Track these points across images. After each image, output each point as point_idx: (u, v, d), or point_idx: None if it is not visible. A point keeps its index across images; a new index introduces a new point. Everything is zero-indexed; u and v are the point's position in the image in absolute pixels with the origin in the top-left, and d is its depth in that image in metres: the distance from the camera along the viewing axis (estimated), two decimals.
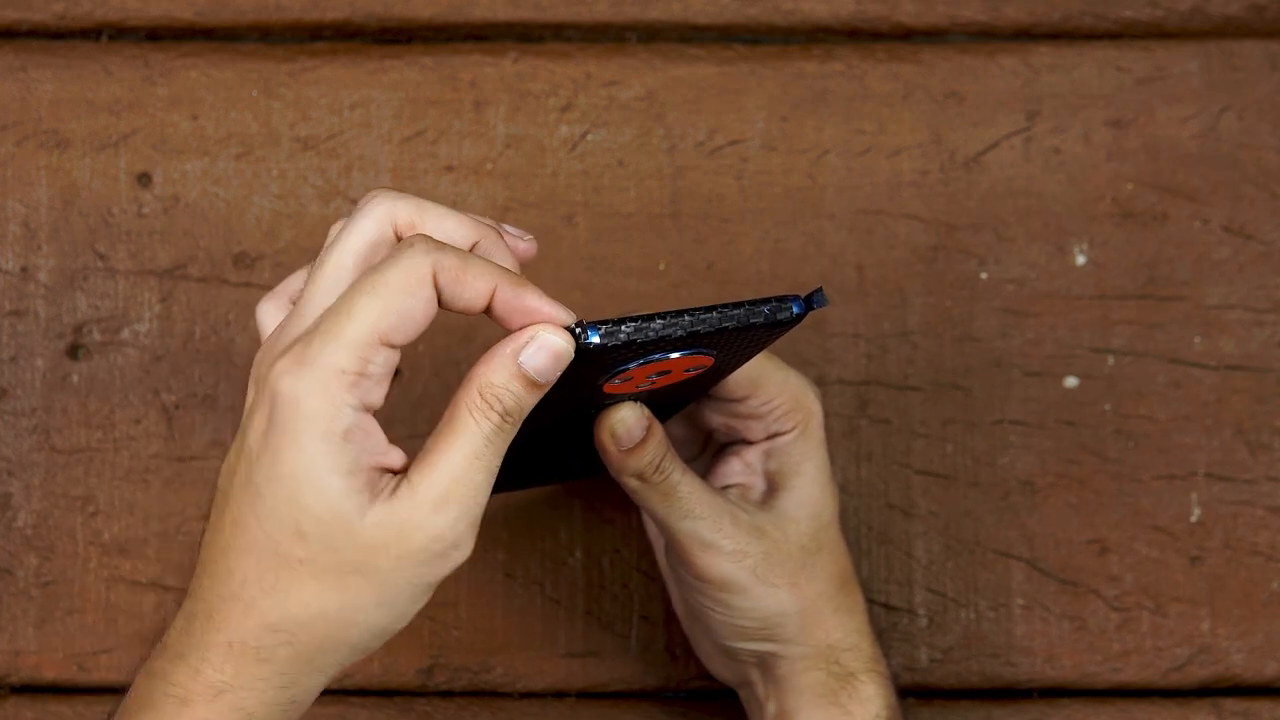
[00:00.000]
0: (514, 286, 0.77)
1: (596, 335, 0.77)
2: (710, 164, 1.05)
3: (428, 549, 0.77)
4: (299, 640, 0.78)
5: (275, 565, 0.77)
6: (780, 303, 0.78)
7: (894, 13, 1.06)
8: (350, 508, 0.76)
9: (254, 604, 0.77)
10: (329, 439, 0.75)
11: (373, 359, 0.76)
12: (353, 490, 0.76)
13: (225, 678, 0.78)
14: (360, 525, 0.76)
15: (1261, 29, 1.06)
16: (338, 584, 0.77)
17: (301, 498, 0.76)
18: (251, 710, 0.78)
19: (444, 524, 0.77)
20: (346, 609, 0.77)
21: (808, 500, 0.90)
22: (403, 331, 0.76)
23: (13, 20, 1.05)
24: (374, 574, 0.77)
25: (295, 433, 0.75)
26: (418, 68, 1.05)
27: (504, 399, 0.77)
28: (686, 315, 0.77)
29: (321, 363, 0.75)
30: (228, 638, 0.78)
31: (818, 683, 0.91)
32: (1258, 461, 1.03)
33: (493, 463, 0.77)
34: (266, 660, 0.78)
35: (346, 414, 0.75)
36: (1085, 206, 1.05)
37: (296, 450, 0.75)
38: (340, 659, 0.79)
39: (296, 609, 0.77)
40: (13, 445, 1.03)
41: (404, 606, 0.78)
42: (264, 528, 0.77)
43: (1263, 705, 1.02)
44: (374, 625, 0.78)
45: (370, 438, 0.76)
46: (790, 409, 0.90)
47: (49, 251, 1.04)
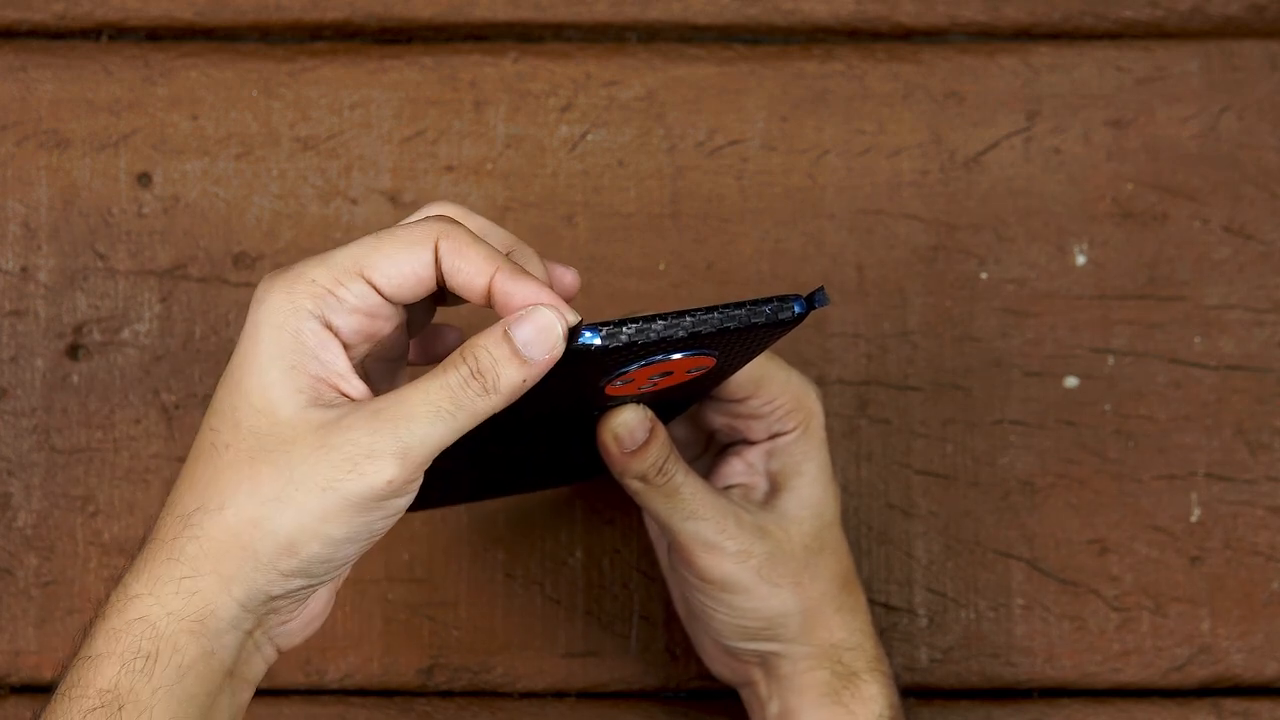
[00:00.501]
0: (515, 273, 0.77)
1: (597, 336, 0.76)
2: (710, 164, 1.05)
3: (340, 449, 0.75)
4: (206, 535, 0.76)
5: (207, 457, 0.77)
6: (782, 302, 0.78)
7: (894, 13, 1.06)
8: (280, 396, 0.76)
9: (178, 500, 0.77)
10: (279, 331, 0.76)
11: (346, 284, 0.77)
12: (290, 386, 0.76)
13: (139, 585, 0.77)
14: (285, 415, 0.76)
15: (1261, 29, 1.06)
16: (250, 471, 0.76)
17: (242, 383, 0.77)
18: (155, 621, 0.76)
19: (364, 429, 0.75)
20: (253, 501, 0.76)
21: (810, 500, 0.90)
22: (386, 275, 0.77)
23: (13, 20, 1.05)
24: (284, 466, 0.76)
25: (253, 325, 0.77)
26: (418, 68, 1.05)
27: (480, 357, 0.77)
28: (688, 316, 0.77)
29: (296, 271, 0.77)
30: (149, 539, 0.77)
31: (820, 682, 0.91)
32: (1258, 461, 1.03)
33: (443, 406, 0.76)
34: (175, 559, 0.76)
35: (301, 315, 0.77)
36: (1085, 206, 1.05)
37: (251, 341, 0.77)
38: (245, 574, 0.76)
39: (209, 496, 0.76)
40: (13, 445, 1.03)
41: (308, 517, 0.76)
42: (210, 421, 0.77)
43: (1263, 705, 1.03)
44: (277, 530, 0.76)
45: (327, 352, 0.77)
46: (792, 409, 0.90)
47: (49, 251, 1.04)
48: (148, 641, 0.76)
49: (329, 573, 0.78)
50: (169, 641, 0.76)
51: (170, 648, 0.76)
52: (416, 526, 1.03)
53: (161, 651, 0.76)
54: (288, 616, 0.79)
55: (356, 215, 1.04)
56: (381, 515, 0.77)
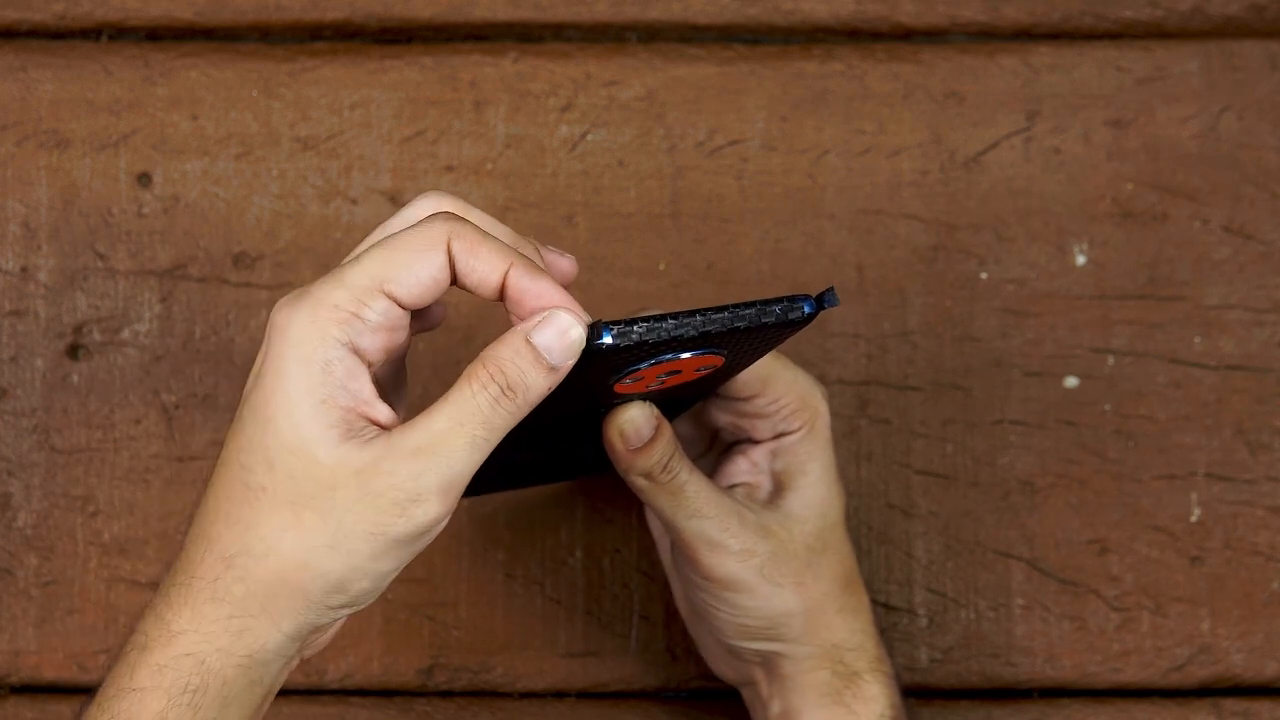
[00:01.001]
0: (529, 269, 0.77)
1: (609, 335, 0.76)
2: (710, 164, 1.05)
3: (386, 495, 0.75)
4: (253, 577, 0.76)
5: (242, 497, 0.76)
6: (791, 302, 0.78)
7: (894, 13, 1.06)
8: (315, 436, 0.75)
9: (217, 539, 0.77)
10: (308, 365, 0.75)
11: (369, 303, 0.76)
12: (323, 421, 0.75)
13: (182, 621, 0.77)
14: (323, 457, 0.75)
15: (1261, 29, 1.06)
16: (294, 518, 0.76)
17: (273, 422, 0.76)
18: (204, 657, 0.76)
19: (408, 473, 0.75)
20: (300, 547, 0.76)
21: (814, 500, 0.90)
22: (406, 286, 0.76)
23: (13, 20, 1.05)
24: (330, 512, 0.75)
25: (278, 358, 0.76)
26: (418, 68, 1.05)
27: (507, 370, 0.76)
28: (698, 315, 0.77)
29: (317, 296, 0.76)
30: (188, 575, 0.77)
31: (822, 682, 0.91)
32: (1258, 461, 1.04)
33: (479, 432, 0.76)
34: (221, 600, 0.76)
35: (330, 345, 0.75)
36: (1085, 206, 1.05)
37: (276, 375, 0.76)
38: (296, 610, 0.77)
39: (253, 541, 0.76)
40: (13, 445, 1.03)
41: (360, 559, 0.76)
42: (239, 458, 0.76)
43: (1263, 705, 1.03)
44: (328, 572, 0.76)
45: (355, 380, 0.76)
46: (797, 408, 0.90)
47: (49, 251, 1.04)
48: (195, 677, 0.76)
49: (373, 598, 0.79)
50: (217, 676, 0.77)
51: (219, 681, 0.77)
52: None
53: (209, 685, 0.77)
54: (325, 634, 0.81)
55: (356, 215, 1.04)
56: (424, 542, 0.78)
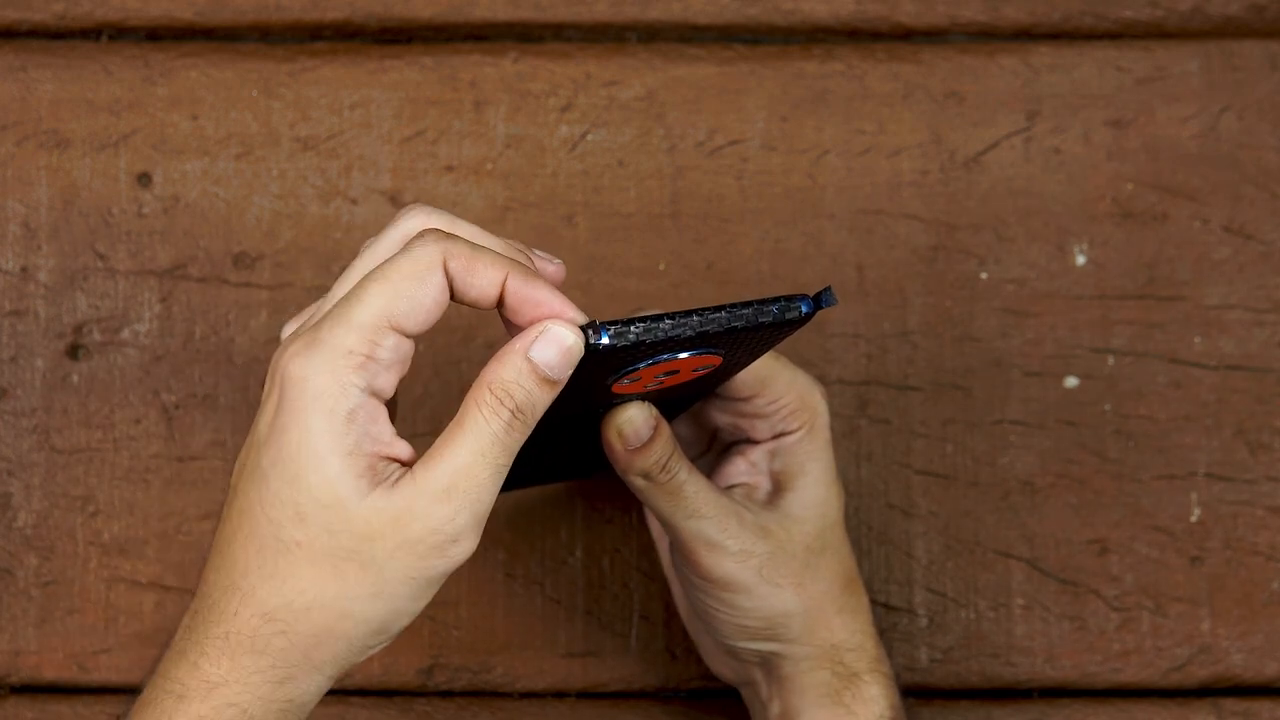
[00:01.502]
0: (525, 277, 0.77)
1: (606, 336, 0.76)
2: (710, 164, 1.05)
3: (425, 541, 0.76)
4: (295, 630, 0.77)
5: (275, 551, 0.77)
6: (789, 302, 0.78)
7: (894, 13, 1.06)
8: (348, 490, 0.76)
9: (252, 592, 0.77)
10: (332, 417, 0.75)
11: (381, 342, 0.76)
12: (353, 472, 0.76)
13: (221, 671, 0.77)
14: (357, 509, 0.76)
15: (1261, 29, 1.06)
16: (333, 571, 0.76)
17: (302, 477, 0.76)
18: (247, 706, 0.77)
19: (444, 516, 0.76)
20: (342, 598, 0.76)
21: (813, 500, 0.90)
22: (412, 318, 0.76)
23: (13, 20, 1.05)
24: (370, 563, 0.76)
25: (300, 411, 0.76)
26: (418, 68, 1.05)
27: (515, 394, 0.77)
28: (695, 315, 0.77)
29: (330, 344, 0.76)
30: (225, 629, 0.77)
31: (821, 682, 0.91)
32: (1258, 461, 1.03)
33: (500, 460, 0.77)
34: (262, 652, 0.77)
35: (352, 394, 0.76)
36: (1085, 206, 1.05)
37: (301, 430, 0.76)
38: (338, 655, 0.78)
39: (293, 595, 0.77)
40: (13, 445, 1.03)
41: (402, 602, 0.77)
42: (267, 513, 0.76)
43: (1263, 705, 1.03)
44: (371, 619, 0.77)
45: (376, 424, 0.76)
46: (796, 408, 0.90)
47: (49, 251, 1.04)
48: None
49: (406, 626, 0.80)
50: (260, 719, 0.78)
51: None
52: None
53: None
54: None
55: (356, 215, 1.04)
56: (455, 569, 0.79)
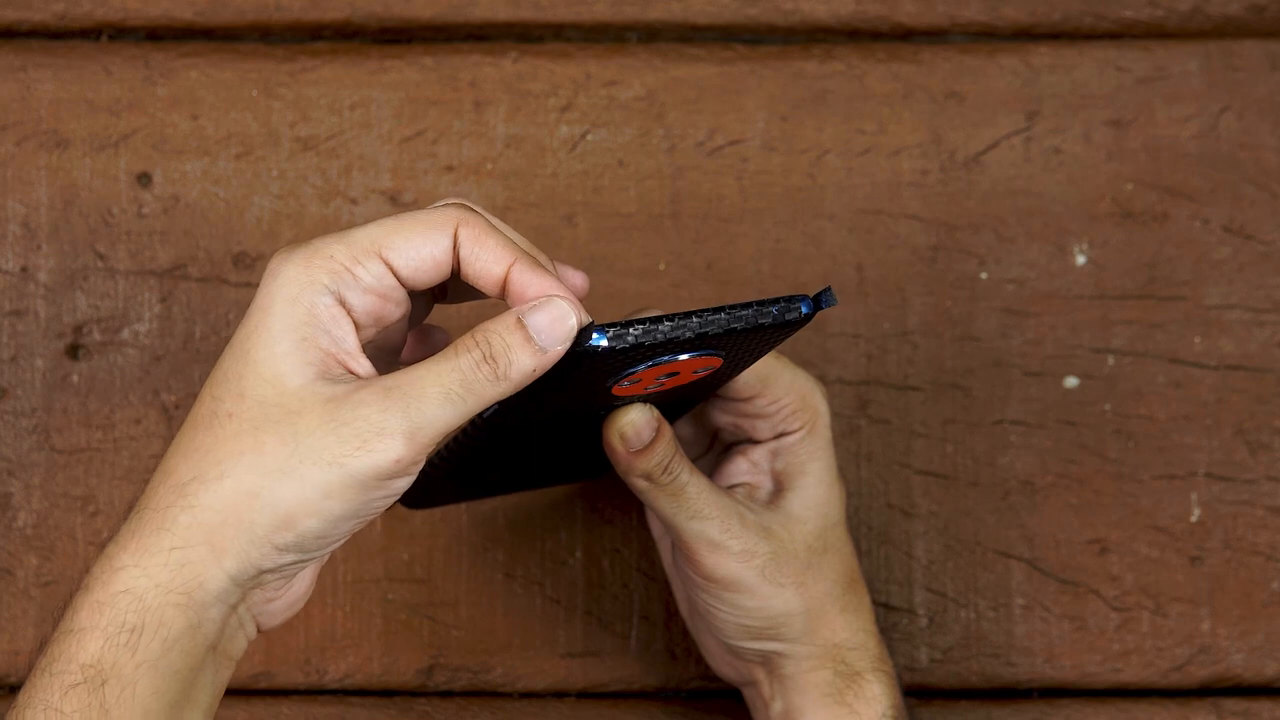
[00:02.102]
0: (532, 266, 0.78)
1: (604, 338, 0.76)
2: (710, 164, 1.05)
3: (350, 425, 0.75)
4: (201, 504, 0.75)
5: (207, 425, 0.76)
6: (789, 303, 0.78)
7: (894, 13, 1.06)
8: (290, 368, 0.76)
9: (174, 469, 0.77)
10: (293, 304, 0.76)
11: (364, 263, 0.77)
12: (301, 358, 0.76)
13: (126, 556, 0.76)
14: (294, 385, 0.76)
15: (1261, 29, 1.06)
16: (254, 441, 0.75)
17: (251, 353, 0.76)
18: (142, 594, 0.75)
19: (375, 407, 0.75)
20: (254, 471, 0.75)
21: (814, 500, 0.90)
22: (405, 258, 0.77)
23: (13, 20, 1.05)
24: (289, 437, 0.75)
25: (266, 296, 0.77)
26: (418, 68, 1.05)
27: (492, 341, 0.77)
28: (694, 317, 0.77)
29: (314, 246, 0.77)
30: (140, 509, 0.77)
31: (823, 682, 0.91)
32: (1258, 461, 1.04)
33: (454, 388, 0.76)
34: (167, 530, 0.76)
35: (317, 289, 0.76)
36: (1085, 206, 1.05)
37: (263, 313, 0.76)
38: (240, 548, 0.76)
39: (208, 466, 0.76)
40: (13, 445, 1.03)
41: (310, 490, 0.75)
42: (213, 390, 0.77)
43: (1263, 705, 1.03)
44: (277, 503, 0.75)
45: (338, 328, 0.77)
46: (797, 409, 0.90)
47: (49, 251, 1.04)
48: (133, 615, 0.75)
49: (322, 549, 0.77)
50: (155, 615, 0.75)
51: (156, 621, 0.75)
52: (416, 526, 1.03)
53: (147, 625, 0.75)
54: (274, 594, 0.79)
55: (356, 215, 1.04)
56: (382, 494, 0.77)
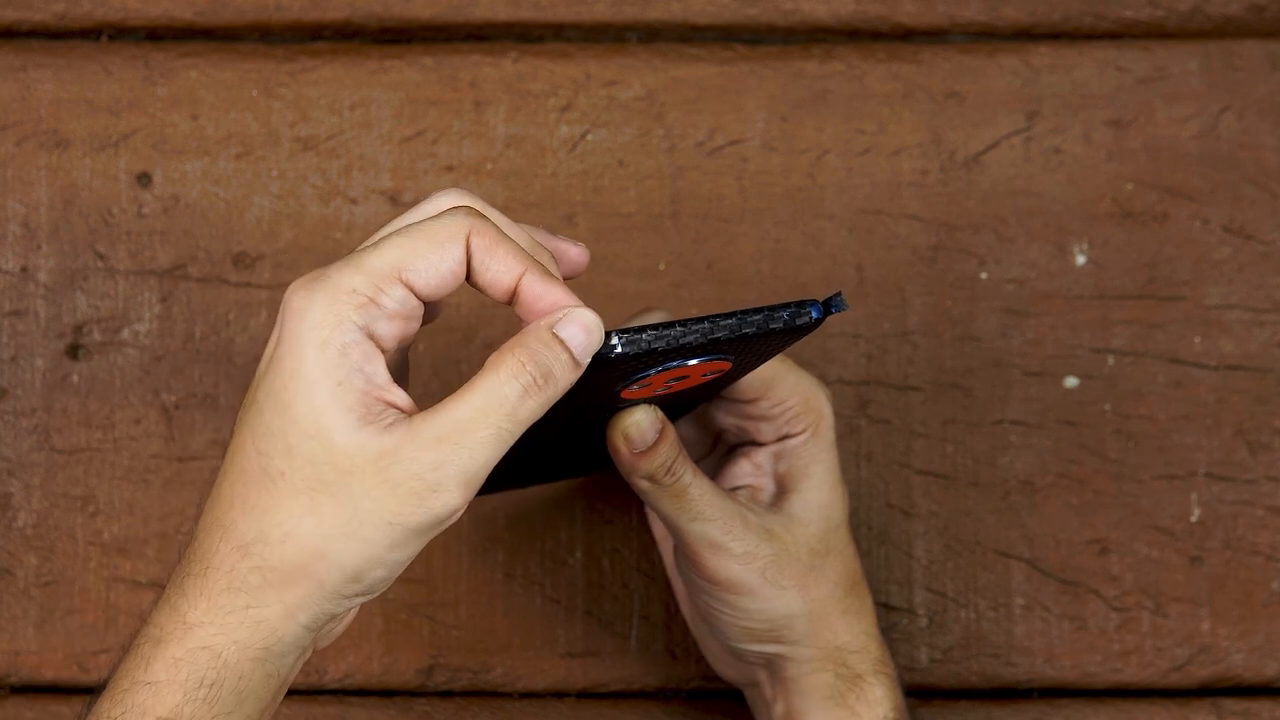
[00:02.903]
0: (543, 275, 0.77)
1: (619, 343, 0.76)
2: (710, 164, 1.05)
3: (405, 484, 0.75)
4: (269, 565, 0.76)
5: (259, 483, 0.76)
6: (799, 308, 0.78)
7: (894, 13, 1.06)
8: (334, 422, 0.75)
9: (232, 526, 0.76)
10: (325, 348, 0.75)
11: (387, 290, 0.76)
12: (342, 404, 0.75)
13: (198, 613, 0.76)
14: (342, 441, 0.75)
15: (1261, 29, 1.06)
16: (310, 504, 0.75)
17: (292, 407, 0.75)
18: (220, 650, 0.76)
19: (428, 463, 0.75)
20: (316, 534, 0.75)
21: (817, 503, 0.90)
22: (424, 277, 0.76)
23: (13, 20, 1.05)
24: (346, 499, 0.75)
25: (295, 342, 0.75)
26: (418, 68, 1.05)
27: (539, 360, 0.76)
28: (706, 322, 0.77)
29: (334, 280, 0.75)
30: (204, 565, 0.77)
31: (825, 684, 0.91)
32: (1258, 461, 1.04)
33: (503, 425, 0.76)
34: (238, 590, 0.76)
35: (348, 329, 0.75)
36: (1085, 206, 1.05)
37: (295, 360, 0.75)
38: (312, 600, 0.76)
39: (270, 527, 0.76)
40: (13, 445, 1.03)
41: (377, 549, 0.76)
42: (257, 444, 0.76)
43: (1263, 705, 1.03)
44: (344, 562, 0.76)
45: (371, 364, 0.76)
46: (801, 411, 0.90)
47: (49, 251, 1.04)
48: (211, 671, 0.76)
49: (387, 586, 0.78)
50: (234, 670, 0.76)
51: (235, 675, 0.76)
52: None
53: (225, 680, 0.76)
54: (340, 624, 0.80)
55: (356, 215, 1.04)
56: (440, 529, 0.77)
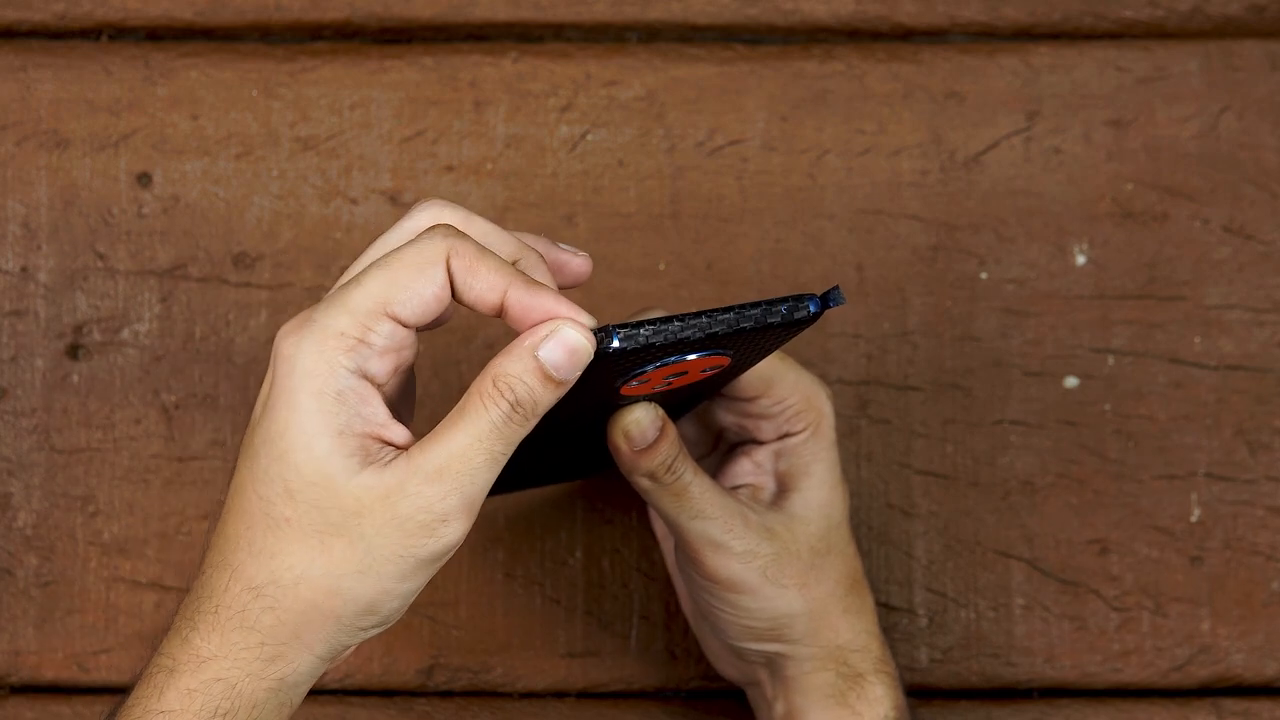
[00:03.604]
0: (528, 286, 0.77)
1: (617, 339, 0.76)
2: (710, 164, 1.05)
3: (414, 519, 0.76)
4: (283, 606, 0.77)
5: (264, 527, 0.77)
6: (797, 302, 0.78)
7: (894, 13, 1.06)
8: (337, 468, 0.76)
9: (242, 568, 0.77)
10: (321, 397, 0.76)
11: (374, 327, 0.76)
12: (342, 451, 0.76)
13: (211, 647, 0.77)
14: (346, 485, 0.76)
15: (1261, 29, 1.06)
16: (321, 546, 0.76)
17: (290, 455, 0.76)
18: (235, 682, 0.77)
19: (434, 496, 0.76)
20: (330, 575, 0.76)
21: (818, 501, 0.90)
22: (409, 307, 0.77)
23: (13, 20, 1.05)
24: (358, 539, 0.76)
25: (290, 390, 0.76)
26: (418, 68, 1.05)
27: (516, 388, 0.77)
28: (704, 316, 0.77)
29: (321, 325, 0.76)
30: (215, 604, 0.77)
31: (826, 683, 0.91)
32: (1258, 461, 1.04)
33: (496, 448, 0.77)
34: (251, 628, 0.77)
35: (340, 374, 0.76)
36: (1085, 206, 1.05)
37: (290, 409, 0.76)
38: (328, 634, 0.78)
39: (281, 571, 0.77)
40: (13, 445, 1.03)
41: (390, 581, 0.77)
42: (257, 490, 0.77)
43: (1263, 705, 1.03)
44: (359, 597, 0.77)
45: (368, 405, 0.77)
46: (802, 409, 0.90)
47: (49, 251, 1.04)
48: (226, 701, 0.77)
49: (401, 614, 0.79)
50: (248, 700, 0.78)
51: (249, 705, 0.78)
52: None
53: (239, 710, 0.77)
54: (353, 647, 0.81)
55: (356, 215, 1.04)
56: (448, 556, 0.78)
